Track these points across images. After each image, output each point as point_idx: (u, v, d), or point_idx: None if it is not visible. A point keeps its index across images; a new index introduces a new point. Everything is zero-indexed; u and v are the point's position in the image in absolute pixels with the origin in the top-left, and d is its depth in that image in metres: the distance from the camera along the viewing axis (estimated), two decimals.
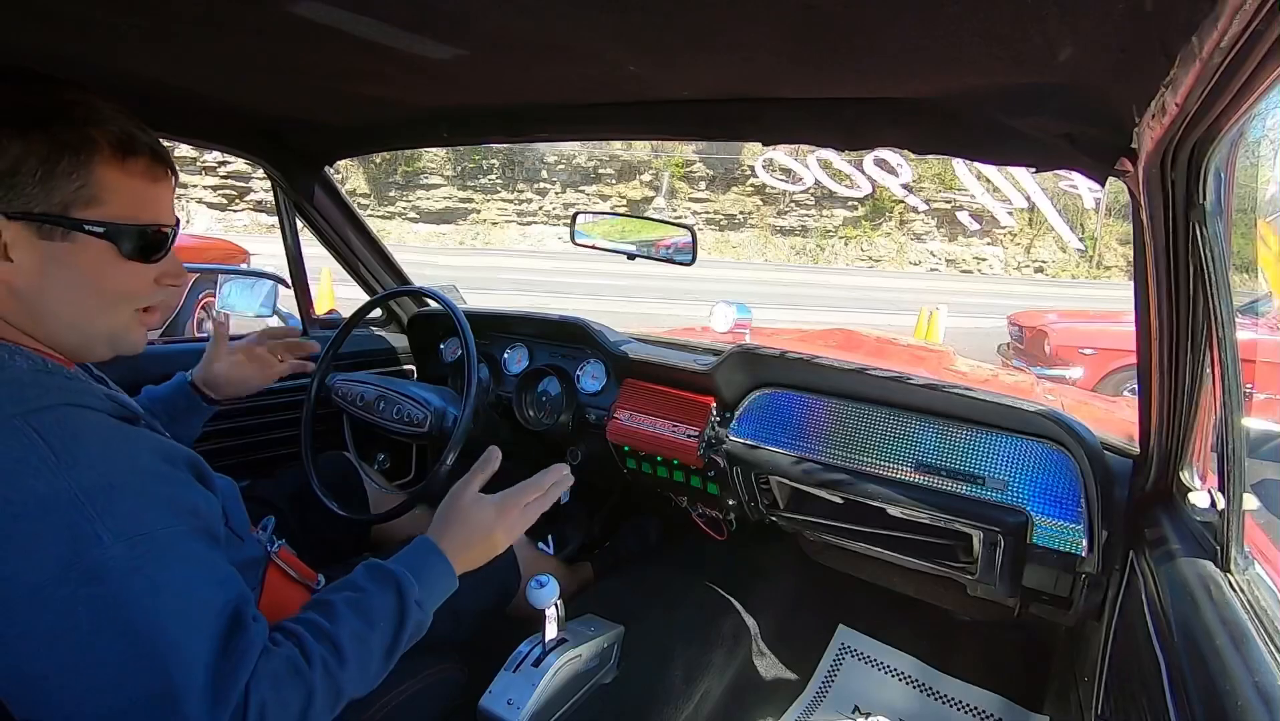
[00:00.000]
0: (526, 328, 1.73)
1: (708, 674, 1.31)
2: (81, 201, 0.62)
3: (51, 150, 0.60)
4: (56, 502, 0.54)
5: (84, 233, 0.62)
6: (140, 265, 0.67)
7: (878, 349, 2.87)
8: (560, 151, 22.55)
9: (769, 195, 22.57)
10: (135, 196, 0.66)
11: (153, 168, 0.67)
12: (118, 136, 0.64)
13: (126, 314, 0.69)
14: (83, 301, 0.66)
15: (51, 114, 0.61)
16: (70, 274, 0.64)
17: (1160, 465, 0.99)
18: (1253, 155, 1.13)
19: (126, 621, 0.54)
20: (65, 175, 0.61)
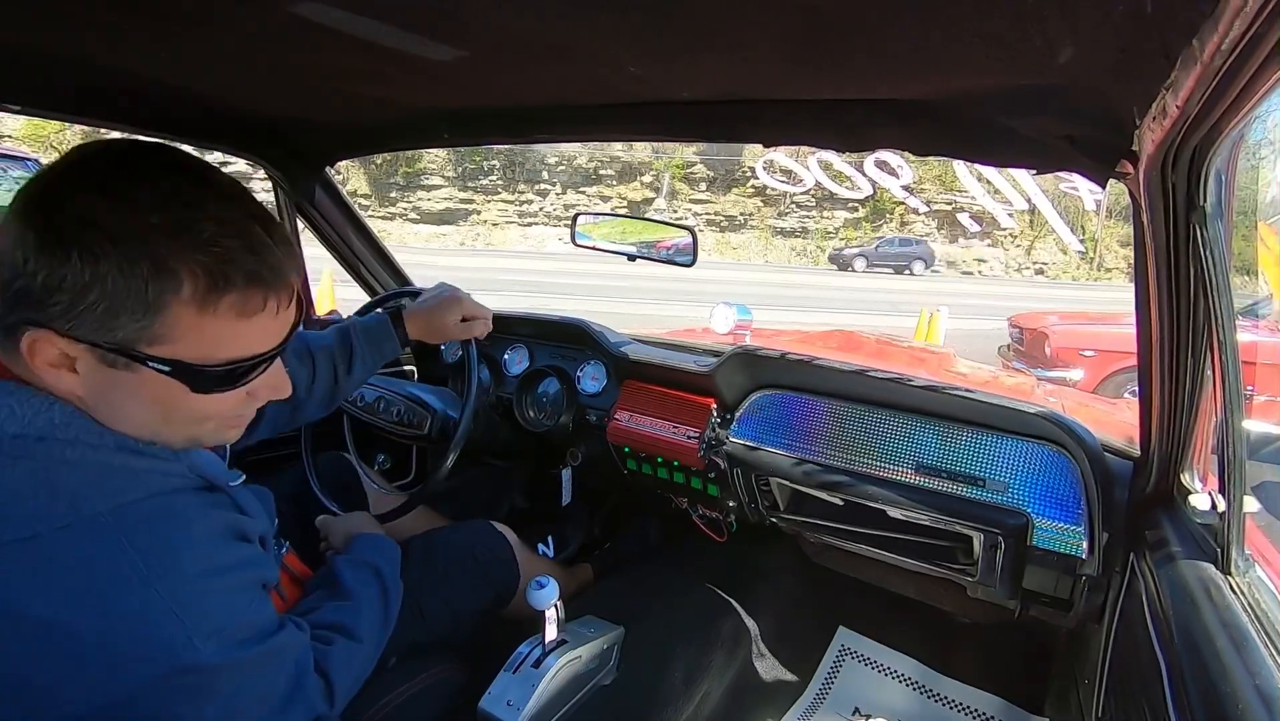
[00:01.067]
0: (527, 329, 1.73)
1: (707, 675, 1.31)
2: (146, 340, 0.54)
3: (119, 286, 0.52)
4: (150, 616, 0.54)
5: (150, 369, 0.55)
6: (218, 395, 0.60)
7: (878, 350, 2.87)
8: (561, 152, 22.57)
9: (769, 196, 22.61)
10: (215, 337, 0.57)
11: (247, 300, 0.57)
12: (206, 269, 0.54)
13: (206, 428, 0.63)
14: (152, 420, 0.59)
15: (132, 230, 0.52)
16: (137, 399, 0.57)
17: (1161, 467, 0.99)
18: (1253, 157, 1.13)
19: (214, 691, 0.58)
20: (132, 312, 0.53)
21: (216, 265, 0.54)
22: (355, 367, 1.14)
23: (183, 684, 0.55)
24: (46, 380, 0.55)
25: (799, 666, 1.51)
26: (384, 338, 1.16)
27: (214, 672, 0.57)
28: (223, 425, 0.65)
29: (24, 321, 0.52)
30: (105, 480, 0.56)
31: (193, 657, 0.55)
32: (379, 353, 1.17)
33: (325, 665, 0.77)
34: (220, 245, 0.54)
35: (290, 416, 1.10)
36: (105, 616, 0.52)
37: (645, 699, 1.20)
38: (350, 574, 0.92)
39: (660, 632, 1.34)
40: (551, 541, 1.62)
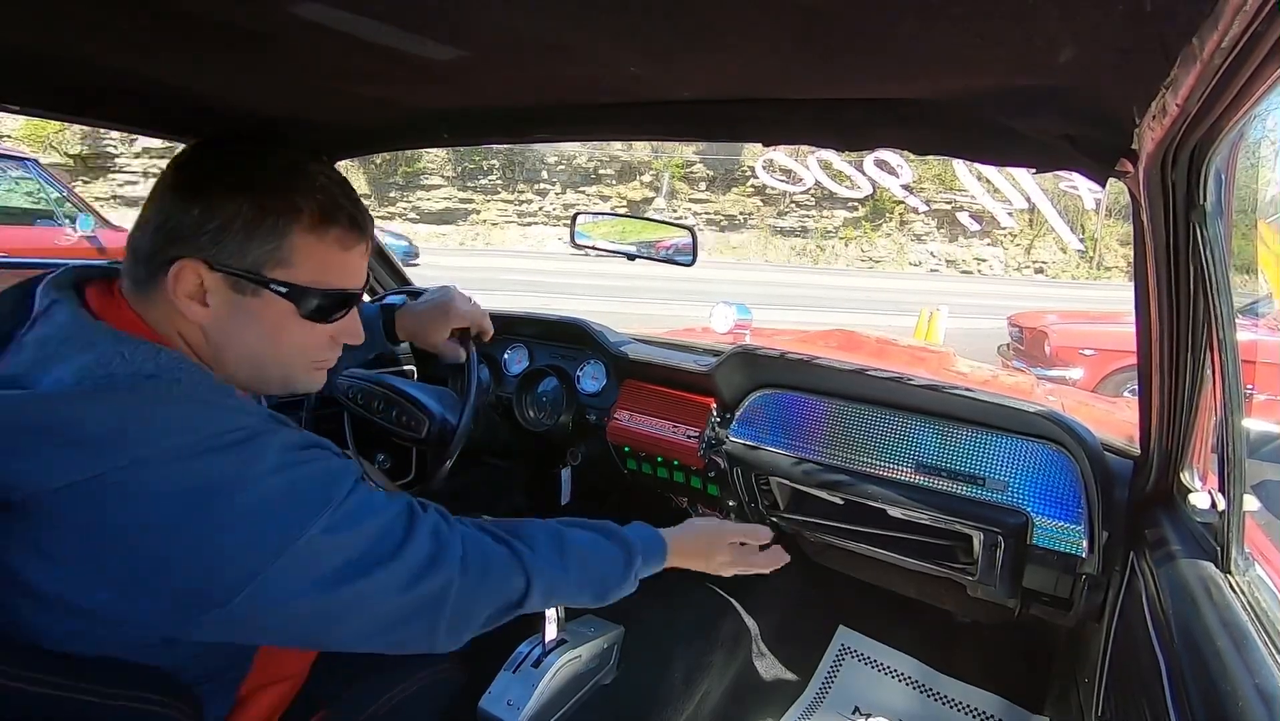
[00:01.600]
0: (526, 328, 1.73)
1: (707, 675, 1.31)
2: (273, 262, 0.68)
3: (257, 213, 0.66)
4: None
5: (270, 290, 0.68)
6: (317, 325, 0.72)
7: (878, 350, 2.87)
8: (560, 152, 22.56)
9: (769, 196, 22.59)
10: (323, 262, 0.71)
11: (346, 236, 0.72)
12: (320, 205, 0.70)
13: (300, 364, 0.75)
14: (261, 350, 0.71)
15: (263, 179, 0.68)
16: (253, 325, 0.69)
17: (1160, 466, 0.99)
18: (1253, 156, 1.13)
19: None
20: (264, 237, 0.67)
21: (327, 201, 0.70)
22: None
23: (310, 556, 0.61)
24: (181, 311, 0.66)
25: (799, 665, 1.52)
26: (370, 329, 1.16)
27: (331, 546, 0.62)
28: (311, 365, 0.76)
29: (173, 257, 0.65)
30: (200, 416, 0.61)
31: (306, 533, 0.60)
32: (365, 344, 1.17)
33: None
34: (327, 190, 0.71)
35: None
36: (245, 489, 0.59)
37: (645, 698, 1.20)
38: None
39: (660, 632, 1.34)
40: None
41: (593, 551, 0.87)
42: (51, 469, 0.54)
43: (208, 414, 0.60)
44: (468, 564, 0.71)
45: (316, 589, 0.61)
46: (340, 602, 0.62)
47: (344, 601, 0.62)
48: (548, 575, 0.78)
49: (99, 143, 18.88)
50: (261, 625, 0.61)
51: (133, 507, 0.55)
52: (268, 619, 0.60)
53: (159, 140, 2.99)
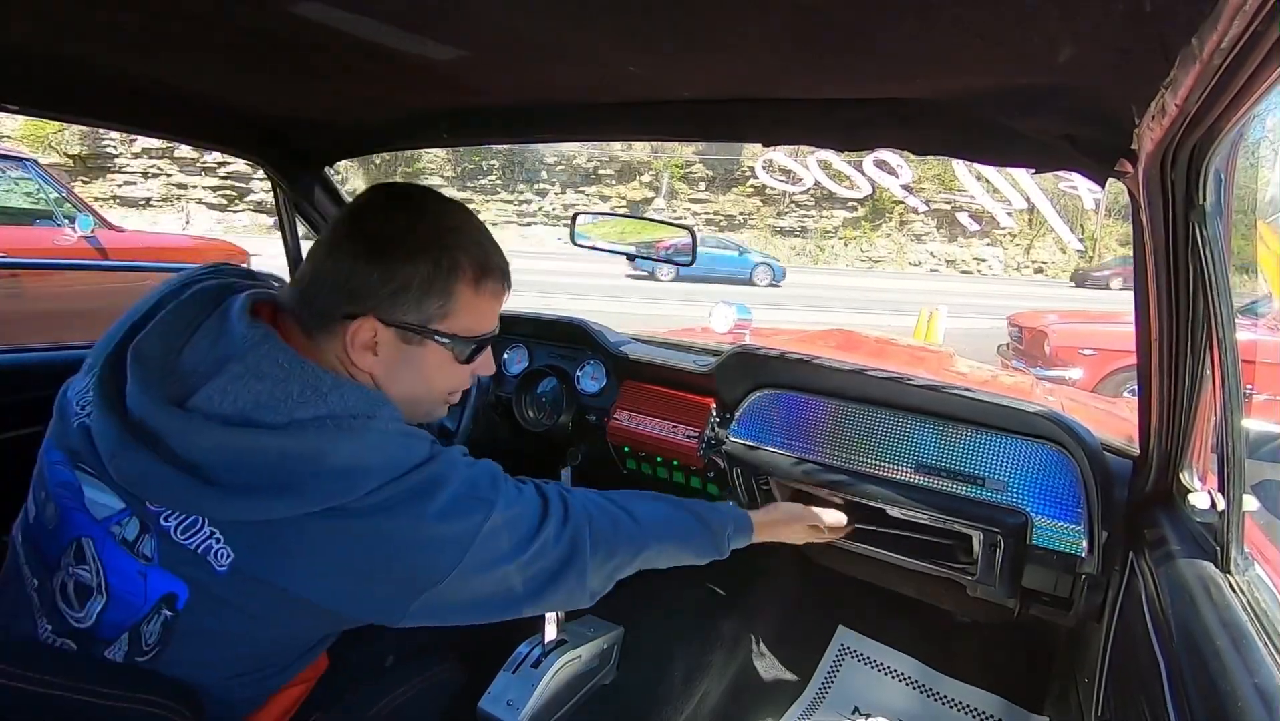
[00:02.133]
0: (526, 328, 1.72)
1: (707, 675, 1.31)
2: (439, 317, 0.75)
3: (432, 275, 0.74)
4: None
5: (434, 341, 0.76)
6: (466, 367, 0.81)
7: (877, 350, 2.87)
8: (560, 152, 22.56)
9: (769, 196, 22.60)
10: (479, 313, 0.79)
11: (498, 289, 0.80)
12: (479, 263, 0.77)
13: (444, 398, 0.84)
14: (419, 389, 0.79)
15: (432, 241, 0.74)
16: (414, 369, 0.77)
17: (1160, 466, 0.99)
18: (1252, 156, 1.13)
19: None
20: (435, 297, 0.74)
21: (483, 256, 0.77)
22: None
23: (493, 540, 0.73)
24: (354, 360, 0.74)
25: (799, 665, 1.52)
26: None
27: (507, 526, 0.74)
28: (449, 398, 0.85)
29: (351, 315, 0.72)
30: (406, 444, 0.72)
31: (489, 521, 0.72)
32: None
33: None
34: (482, 244, 0.78)
35: None
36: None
37: (645, 698, 1.20)
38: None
39: (660, 632, 1.34)
40: None
41: (685, 529, 1.00)
42: (312, 495, 0.64)
43: (410, 441, 0.71)
44: (593, 518, 0.83)
45: (505, 558, 0.73)
46: (519, 567, 0.74)
47: (522, 565, 0.74)
48: (651, 545, 0.92)
49: (98, 143, 18.88)
50: (463, 601, 0.72)
51: (373, 520, 0.66)
52: (469, 594, 0.72)
53: (158, 140, 2.90)
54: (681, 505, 1.01)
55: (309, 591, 0.67)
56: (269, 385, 0.67)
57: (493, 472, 0.77)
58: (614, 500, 0.92)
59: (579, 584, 0.81)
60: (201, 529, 0.65)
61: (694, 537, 1.00)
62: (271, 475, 0.64)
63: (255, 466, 0.64)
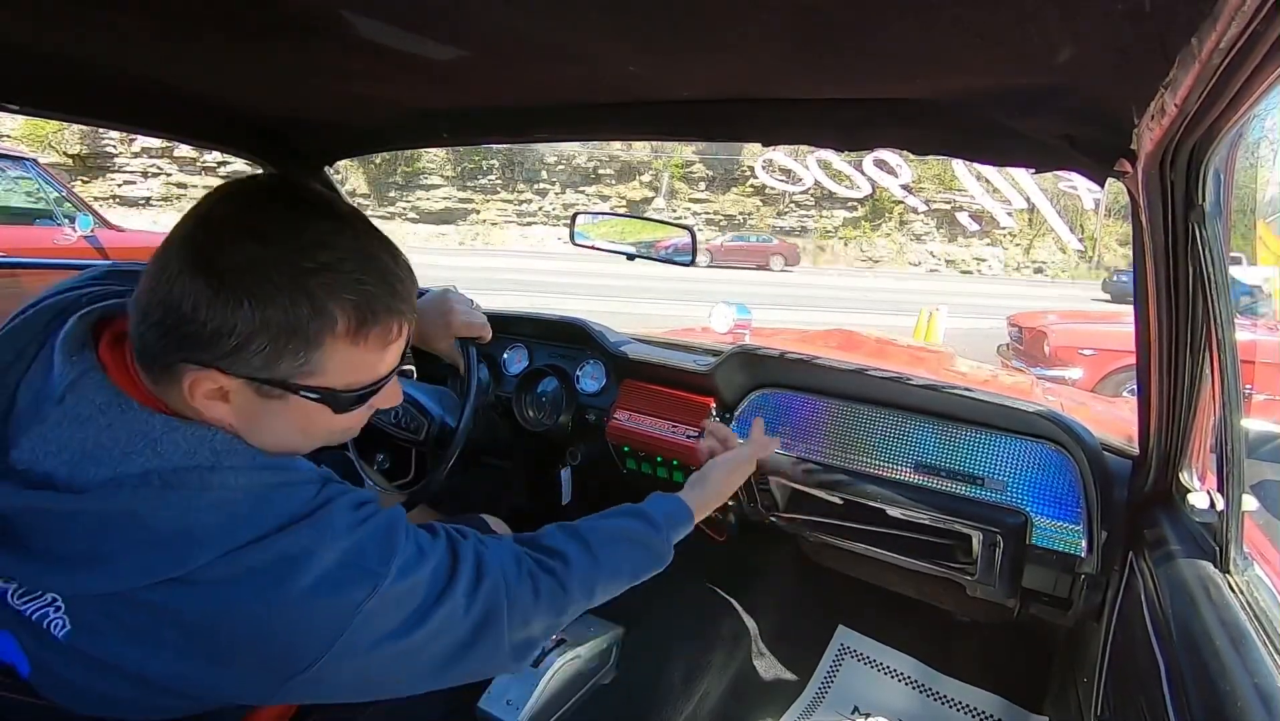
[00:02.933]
0: (526, 328, 1.72)
1: (707, 674, 1.31)
2: (302, 375, 0.60)
3: (288, 327, 0.57)
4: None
5: (300, 396, 0.61)
6: (354, 415, 0.68)
7: (877, 349, 2.88)
8: (560, 152, 22.56)
9: (769, 196, 22.60)
10: (360, 366, 0.64)
11: (386, 332, 0.64)
12: (358, 309, 0.60)
13: (334, 439, 0.71)
14: (291, 440, 0.66)
15: (295, 287, 0.57)
16: (281, 421, 0.63)
17: (1159, 466, 0.99)
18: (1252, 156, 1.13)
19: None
20: (291, 355, 0.58)
21: (364, 302, 0.60)
22: None
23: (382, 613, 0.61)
24: (200, 409, 0.60)
25: (798, 665, 1.52)
26: None
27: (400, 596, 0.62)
28: (346, 434, 0.71)
29: (186, 361, 0.57)
30: (266, 500, 0.60)
31: (378, 589, 0.61)
32: None
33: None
34: (365, 283, 0.60)
35: None
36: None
37: (645, 698, 1.20)
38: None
39: (660, 632, 1.34)
40: None
41: (619, 540, 0.89)
42: (128, 570, 0.54)
43: (272, 496, 0.60)
44: (509, 578, 0.72)
45: (396, 635, 0.61)
46: (416, 642, 0.62)
47: (420, 640, 0.63)
48: (585, 578, 0.80)
49: (98, 142, 18.88)
50: (347, 681, 0.61)
51: (219, 594, 0.56)
52: (353, 674, 0.60)
53: (158, 140, 2.88)
54: (625, 514, 0.94)
55: (152, 672, 0.57)
56: (93, 433, 0.56)
57: (388, 532, 0.64)
58: (548, 541, 0.82)
59: (496, 650, 0.70)
60: (42, 594, 0.56)
61: (647, 554, 0.92)
62: (84, 544, 0.55)
63: (65, 534, 0.55)
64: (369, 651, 0.60)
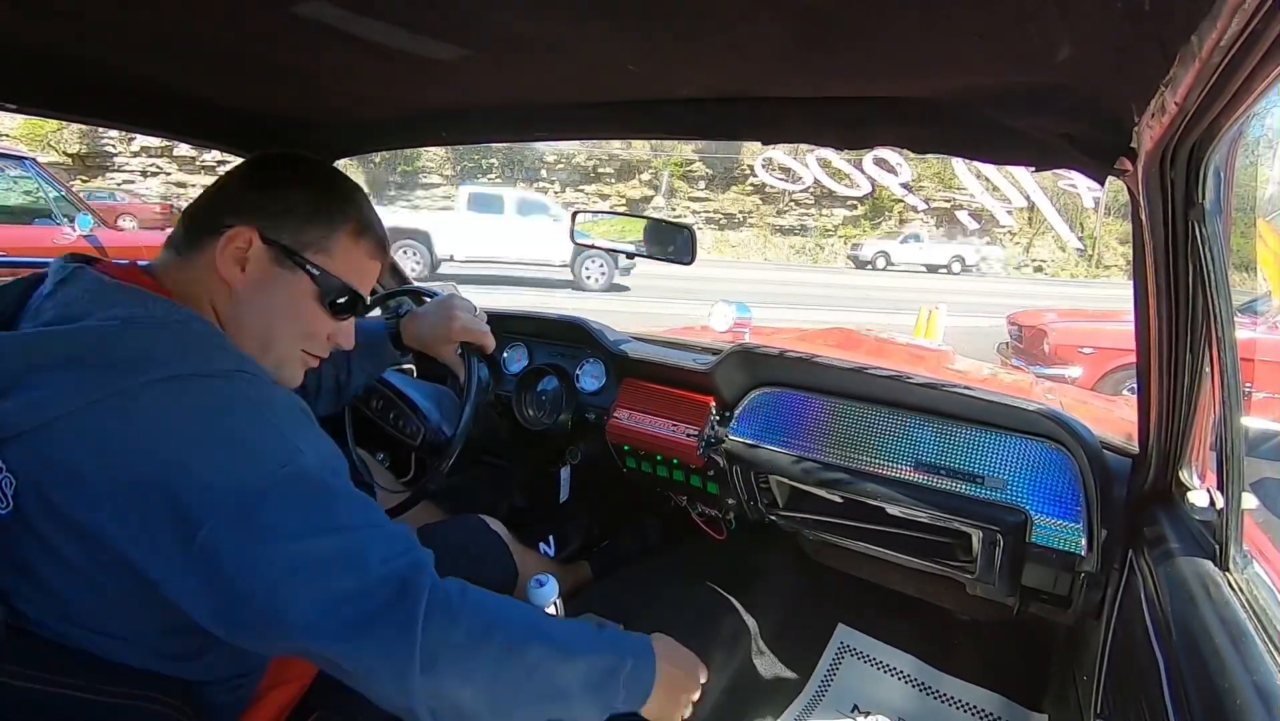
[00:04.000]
0: (526, 327, 1.72)
1: None
2: (316, 248, 0.77)
3: (318, 205, 0.77)
4: (263, 429, 0.64)
5: (304, 271, 0.76)
6: (326, 315, 0.80)
7: (877, 348, 2.88)
8: (560, 151, 22.54)
9: (768, 194, 22.59)
10: (356, 263, 0.81)
11: (375, 251, 0.83)
12: (363, 219, 0.81)
13: (297, 349, 0.80)
14: (273, 325, 0.77)
15: (327, 184, 0.80)
16: (277, 297, 0.76)
17: (1159, 464, 0.99)
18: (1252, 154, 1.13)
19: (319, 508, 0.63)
20: (318, 226, 0.77)
21: (369, 218, 0.82)
22: (355, 372, 1.20)
23: (294, 489, 0.61)
24: (220, 267, 0.72)
25: (798, 664, 1.52)
26: (381, 347, 1.23)
27: (318, 486, 0.63)
28: (301, 356, 0.81)
29: (233, 221, 0.73)
30: (212, 349, 0.67)
31: (300, 461, 0.62)
32: (378, 360, 1.24)
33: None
34: (370, 211, 0.83)
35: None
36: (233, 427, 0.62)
37: None
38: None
39: (660, 630, 1.34)
40: (552, 540, 1.62)
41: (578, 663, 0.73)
42: (79, 390, 0.58)
43: (218, 350, 0.67)
44: (450, 595, 0.66)
45: (298, 533, 0.59)
46: (315, 555, 0.59)
47: (321, 553, 0.59)
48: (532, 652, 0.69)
49: (97, 141, 18.85)
50: (236, 563, 0.57)
51: (145, 420, 0.59)
52: (246, 553, 0.57)
53: (157, 139, 2.88)
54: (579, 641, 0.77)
55: (89, 520, 0.57)
56: (77, 294, 0.66)
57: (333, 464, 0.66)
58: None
59: (407, 649, 0.60)
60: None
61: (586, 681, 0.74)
62: (47, 370, 0.59)
63: (21, 353, 0.60)
64: (270, 534, 0.58)
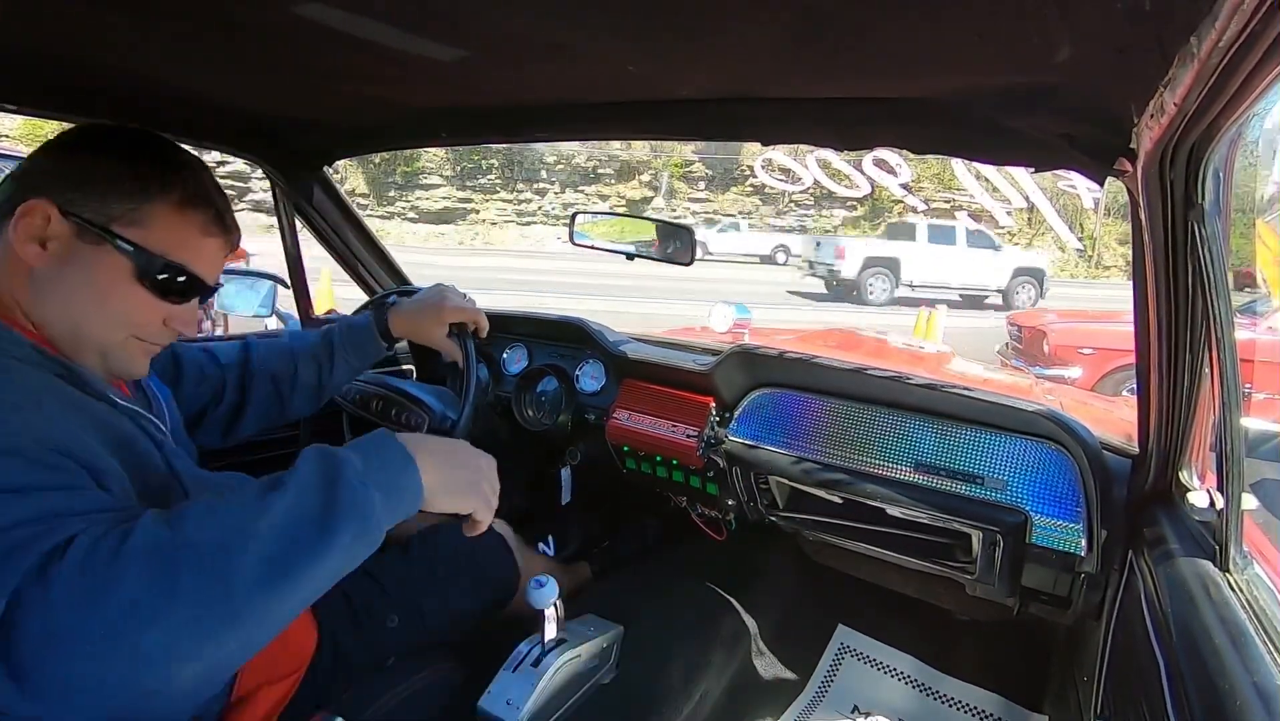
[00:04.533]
0: (526, 327, 1.72)
1: (707, 674, 1.31)
2: (127, 221, 0.68)
3: (125, 175, 0.69)
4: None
5: (115, 246, 0.67)
6: (151, 297, 0.71)
7: (876, 349, 2.87)
8: (560, 151, 22.56)
9: (768, 195, 22.61)
10: (180, 238, 0.71)
11: (210, 226, 0.74)
12: (194, 189, 0.72)
13: (121, 336, 0.71)
14: (84, 307, 0.68)
15: (145, 155, 0.71)
16: (86, 278, 0.68)
17: (1159, 465, 0.99)
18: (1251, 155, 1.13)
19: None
20: (124, 197, 0.68)
21: (201, 190, 0.73)
22: (337, 367, 1.16)
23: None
24: (16, 247, 0.65)
25: (798, 664, 1.51)
26: (366, 338, 1.18)
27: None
28: (131, 340, 0.72)
29: (27, 196, 0.65)
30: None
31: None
32: (362, 352, 1.19)
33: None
34: (205, 184, 0.74)
35: (279, 411, 1.13)
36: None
37: (645, 697, 1.20)
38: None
39: (660, 631, 1.34)
40: (552, 541, 1.62)
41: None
42: None
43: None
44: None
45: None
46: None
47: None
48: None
49: None
50: None
51: None
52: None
53: None
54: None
55: None
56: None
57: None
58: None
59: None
60: None
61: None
62: None
63: None
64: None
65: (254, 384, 1.10)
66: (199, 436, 1.07)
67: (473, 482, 0.71)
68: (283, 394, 1.12)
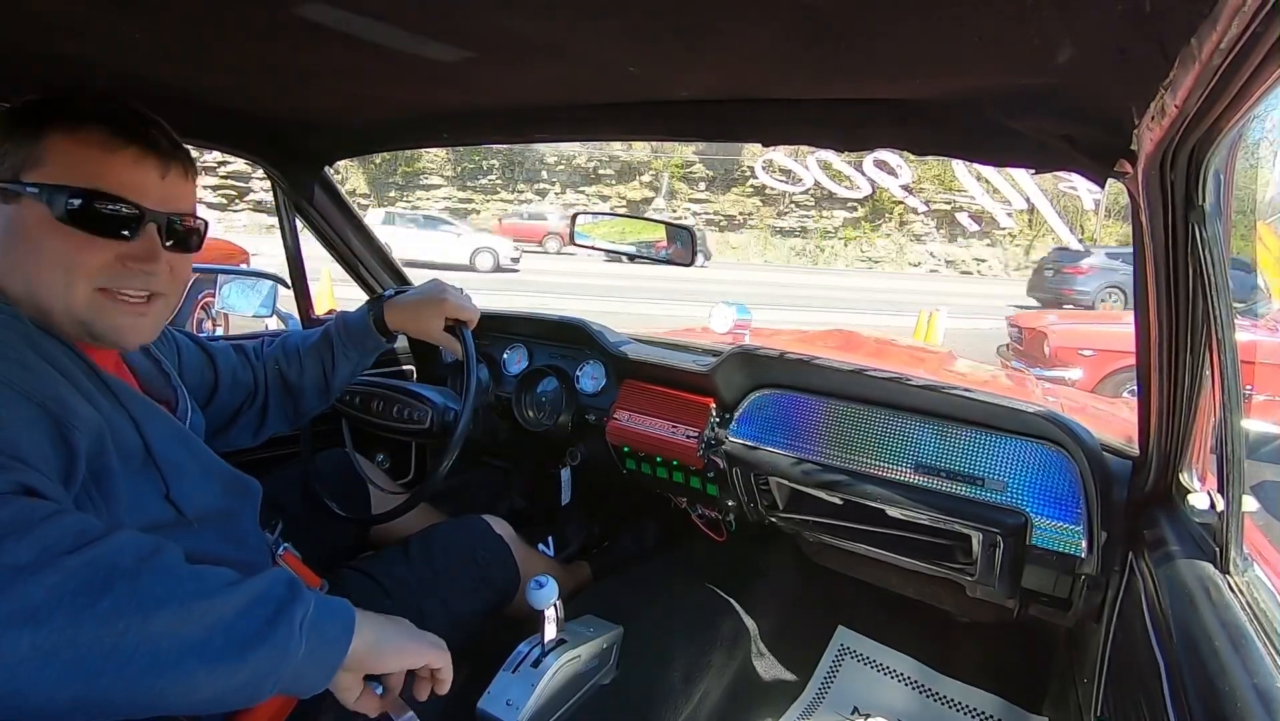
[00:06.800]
0: (526, 328, 1.72)
1: (707, 674, 1.31)
2: (29, 165, 0.66)
3: (16, 123, 0.67)
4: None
5: (27, 194, 0.66)
6: (82, 234, 0.67)
7: (877, 350, 2.87)
8: (560, 152, 22.58)
9: (769, 196, 22.62)
10: (78, 161, 0.67)
11: (109, 139, 0.68)
12: (74, 107, 0.68)
13: (83, 291, 0.68)
14: (27, 264, 0.67)
15: (37, 100, 0.69)
16: (17, 235, 0.66)
17: (1159, 466, 0.99)
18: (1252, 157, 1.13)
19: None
20: (19, 141, 0.67)
21: (91, 104, 0.69)
22: (339, 362, 1.17)
23: None
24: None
25: (798, 665, 1.51)
26: (364, 332, 1.18)
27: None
28: (93, 290, 0.68)
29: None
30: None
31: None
32: (361, 346, 1.19)
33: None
34: (99, 100, 0.70)
35: (294, 410, 1.16)
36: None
37: (644, 698, 1.20)
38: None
39: (659, 632, 1.34)
40: (552, 541, 1.62)
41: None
42: None
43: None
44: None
45: None
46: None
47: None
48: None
49: None
50: None
51: None
52: None
53: None
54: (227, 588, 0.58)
55: None
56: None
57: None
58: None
59: None
60: None
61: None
62: None
63: None
64: None
65: (273, 383, 1.12)
66: (233, 438, 1.09)
67: (412, 634, 0.74)
68: (294, 392, 1.14)
